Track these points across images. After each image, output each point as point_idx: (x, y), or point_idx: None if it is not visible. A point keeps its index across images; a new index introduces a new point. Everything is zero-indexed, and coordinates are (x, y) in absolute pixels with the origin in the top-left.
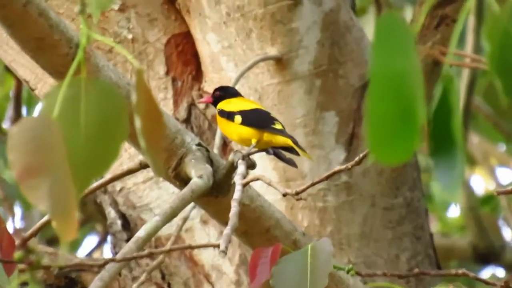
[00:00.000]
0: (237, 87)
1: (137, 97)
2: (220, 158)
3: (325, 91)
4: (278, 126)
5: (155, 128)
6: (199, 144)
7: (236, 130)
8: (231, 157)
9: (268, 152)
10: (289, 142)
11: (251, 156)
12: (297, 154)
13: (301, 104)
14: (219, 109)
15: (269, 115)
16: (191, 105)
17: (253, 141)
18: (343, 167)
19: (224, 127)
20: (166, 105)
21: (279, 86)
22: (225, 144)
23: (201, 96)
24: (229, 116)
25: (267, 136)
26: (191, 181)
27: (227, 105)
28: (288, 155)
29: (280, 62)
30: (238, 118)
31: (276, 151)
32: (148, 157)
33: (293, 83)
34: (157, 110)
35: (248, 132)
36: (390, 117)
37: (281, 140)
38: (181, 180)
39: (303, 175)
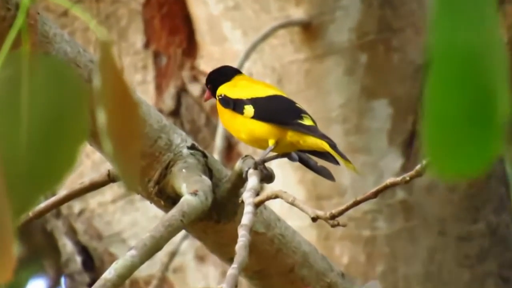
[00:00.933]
0: (246, 66)
1: (102, 80)
2: (223, 166)
3: (373, 71)
4: (307, 122)
5: (128, 124)
6: (192, 147)
7: (246, 126)
8: (238, 165)
9: (291, 158)
10: (324, 145)
11: (267, 164)
12: (336, 163)
13: (339, 90)
14: (220, 95)
15: (294, 104)
16: (181, 91)
17: (271, 143)
18: (399, 179)
19: (229, 122)
20: (145, 92)
21: (307, 64)
22: (229, 147)
23: (195, 79)
24: (236, 105)
25: (291, 136)
26: (182, 200)
27: (232, 89)
28: (320, 161)
29: (309, 30)
30: (249, 109)
31: (303, 157)
32: (117, 166)
33: (327, 59)
34: (131, 99)
35: (263, 129)
36: (458, 112)
37: (312, 142)
38: (167, 198)
39: (342, 190)
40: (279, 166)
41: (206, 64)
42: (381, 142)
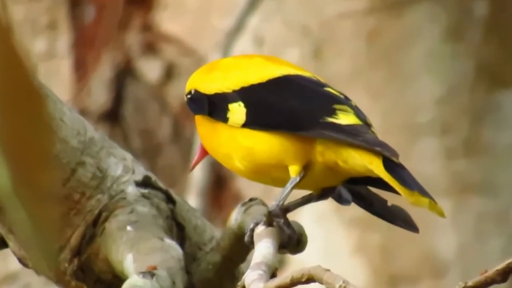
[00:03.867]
0: (252, 25)
1: None
2: (206, 220)
3: (501, 32)
4: (345, 118)
5: (29, 133)
6: (146, 182)
7: (237, 143)
8: (235, 217)
9: (340, 199)
10: (373, 163)
11: (290, 216)
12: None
13: (434, 71)
14: (189, 92)
15: (322, 89)
16: (124, 74)
17: (294, 171)
18: None
19: (209, 139)
20: (53, 74)
21: (371, 20)
22: (219, 182)
23: (150, 48)
24: (214, 106)
25: (322, 153)
26: (125, 285)
27: (207, 77)
28: (394, 199)
29: None
30: (237, 110)
31: (362, 192)
32: (14, 219)
33: (409, 9)
34: (33, 87)
35: (270, 146)
36: None
37: (354, 159)
38: (96, 282)
39: (440, 264)
40: (316, 220)
41: (173, 20)
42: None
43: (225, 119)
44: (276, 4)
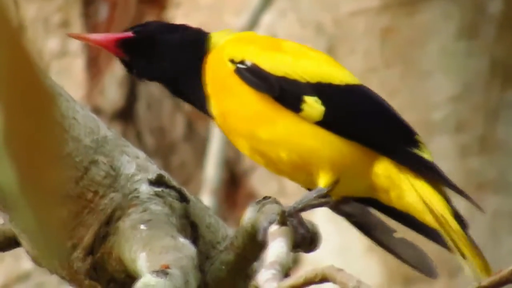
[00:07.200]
0: (266, 21)
1: None
2: (219, 219)
3: None
4: (427, 153)
5: (38, 133)
6: (159, 181)
7: (302, 137)
8: (249, 216)
9: (341, 212)
10: (445, 216)
11: (305, 215)
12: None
13: (449, 68)
14: (242, 61)
15: (397, 113)
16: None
17: (325, 180)
18: None
19: (255, 123)
20: (65, 73)
21: (386, 17)
22: (233, 180)
23: None
24: (287, 92)
25: (385, 172)
26: (138, 285)
27: (270, 54)
28: (407, 233)
29: None
30: (314, 105)
31: (369, 219)
32: (21, 215)
33: (424, 7)
34: (42, 87)
35: (337, 150)
36: None
37: (416, 198)
38: (109, 281)
39: (457, 263)
40: (330, 218)
41: (186, 18)
42: None
43: (297, 110)
44: (289, 2)
